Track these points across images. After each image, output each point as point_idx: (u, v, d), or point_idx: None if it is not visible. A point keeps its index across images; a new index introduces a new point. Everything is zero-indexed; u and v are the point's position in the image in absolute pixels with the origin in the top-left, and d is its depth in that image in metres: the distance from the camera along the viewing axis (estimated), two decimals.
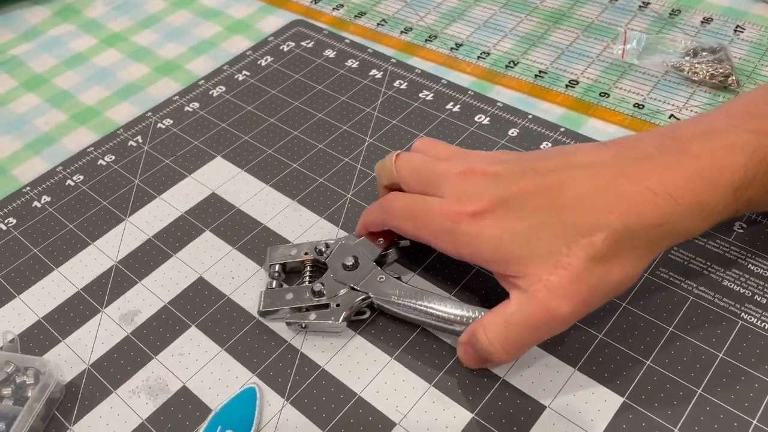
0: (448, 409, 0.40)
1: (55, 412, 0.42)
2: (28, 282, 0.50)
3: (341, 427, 0.40)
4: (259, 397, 0.41)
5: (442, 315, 0.42)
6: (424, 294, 0.43)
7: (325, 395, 0.42)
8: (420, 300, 0.43)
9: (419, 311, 0.42)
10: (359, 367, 0.43)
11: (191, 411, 0.41)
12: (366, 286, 0.44)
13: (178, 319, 0.47)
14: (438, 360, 0.42)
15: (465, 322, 0.41)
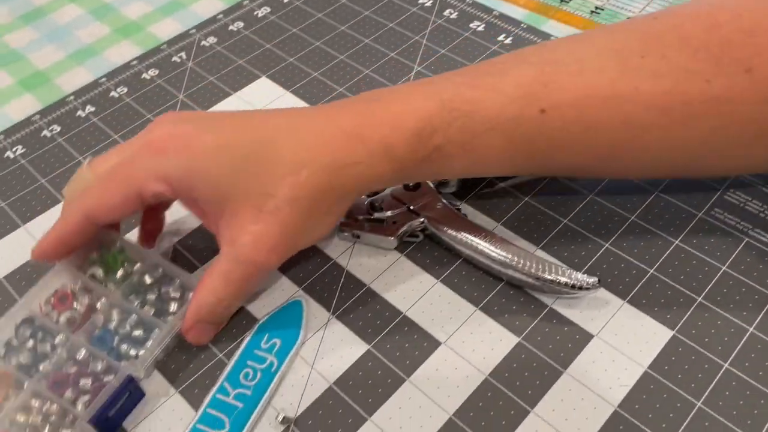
0: (493, 333, 0.40)
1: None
2: None
3: (386, 342, 0.40)
4: (305, 310, 0.42)
5: (491, 253, 0.41)
6: (477, 228, 0.43)
7: (371, 312, 0.42)
8: (472, 234, 0.42)
9: (469, 245, 0.42)
10: (405, 288, 0.43)
11: (238, 320, 0.42)
12: (423, 210, 0.44)
13: None
14: (485, 285, 0.42)
15: (511, 265, 0.40)
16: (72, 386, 0.37)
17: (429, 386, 0.38)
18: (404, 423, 0.37)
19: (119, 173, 0.39)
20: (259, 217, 0.37)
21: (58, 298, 0.40)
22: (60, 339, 0.39)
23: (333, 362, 0.40)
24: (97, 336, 0.39)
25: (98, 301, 0.40)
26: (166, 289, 0.41)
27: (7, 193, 0.50)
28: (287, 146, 0.38)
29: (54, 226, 0.40)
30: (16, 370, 0.37)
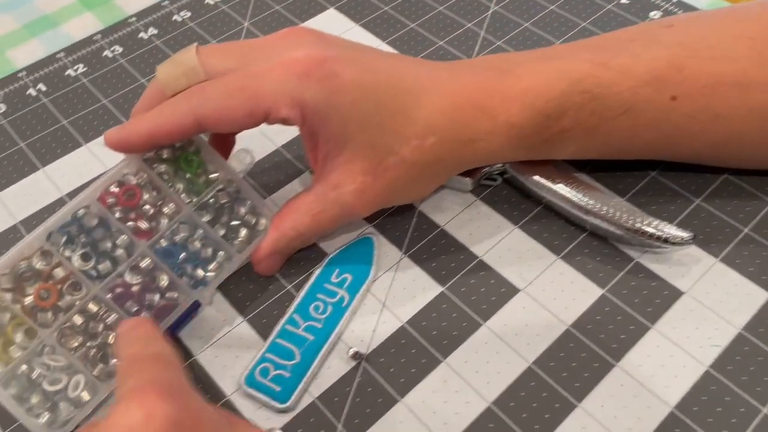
0: (576, 283, 0.38)
1: None
2: None
3: (461, 285, 0.38)
4: (376, 246, 0.40)
5: (575, 200, 0.39)
6: (561, 173, 0.40)
7: (444, 254, 0.40)
8: (555, 178, 0.40)
9: (551, 190, 0.40)
10: (481, 232, 0.41)
11: (306, 253, 0.40)
12: None
13: (290, 163, 0.45)
14: (566, 234, 0.40)
15: (598, 213, 0.38)
16: (135, 299, 0.35)
17: (507, 332, 0.36)
18: (480, 367, 0.35)
19: (248, 87, 0.34)
20: (373, 169, 0.36)
21: (123, 194, 0.37)
22: (123, 240, 0.36)
23: (405, 302, 0.38)
24: (164, 248, 0.36)
25: (166, 207, 0.37)
26: (237, 210, 0.39)
27: (68, 111, 0.49)
28: (421, 106, 0.36)
29: (150, 116, 0.35)
30: (77, 268, 0.35)
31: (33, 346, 0.34)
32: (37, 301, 0.34)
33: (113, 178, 0.37)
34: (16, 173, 0.46)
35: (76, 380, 0.34)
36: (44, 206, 0.44)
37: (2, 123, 0.48)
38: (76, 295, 0.35)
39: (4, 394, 0.32)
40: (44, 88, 0.51)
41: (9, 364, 0.33)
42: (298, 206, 0.38)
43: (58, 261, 0.35)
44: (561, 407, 0.34)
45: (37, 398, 0.33)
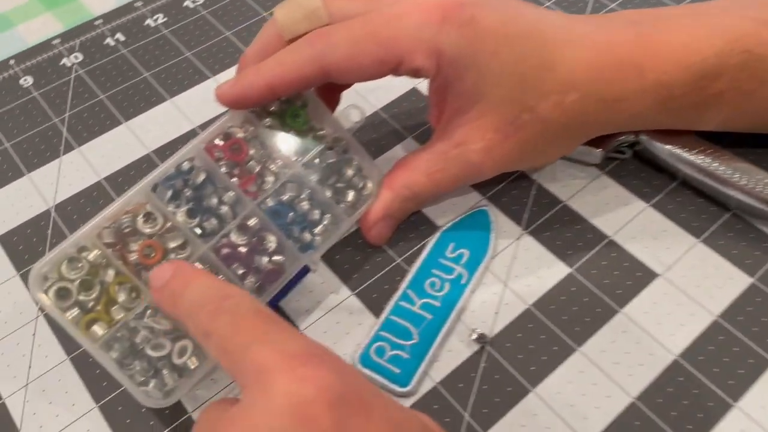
0: (721, 269, 0.34)
1: None
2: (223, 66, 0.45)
3: (591, 267, 0.35)
4: (492, 221, 0.36)
5: (720, 174, 0.35)
6: (702, 143, 0.36)
7: (570, 232, 0.36)
8: (695, 149, 0.36)
9: (691, 162, 0.36)
10: (609, 209, 0.37)
11: (415, 224, 0.37)
12: None
13: (389, 127, 0.41)
14: (707, 215, 0.36)
15: (747, 189, 0.34)
16: (242, 261, 0.32)
17: (647, 321, 0.33)
18: (620, 358, 0.32)
19: (380, 33, 0.31)
20: (505, 126, 0.32)
21: (229, 148, 0.34)
22: (229, 197, 0.33)
23: (529, 282, 0.34)
24: (272, 207, 0.33)
25: (272, 164, 0.34)
26: (345, 172, 0.35)
27: (150, 63, 0.46)
28: (563, 57, 0.32)
29: (268, 67, 0.32)
30: (183, 224, 0.32)
31: (137, 306, 0.31)
32: (141, 259, 0.31)
33: (218, 131, 0.34)
34: (98, 126, 0.43)
35: (181, 346, 0.31)
36: (130, 162, 0.41)
37: (80, 73, 0.45)
38: (181, 254, 0.32)
39: (106, 357, 0.30)
40: (122, 38, 0.48)
41: (111, 326, 0.30)
42: (414, 164, 0.34)
43: (163, 216, 0.32)
44: (716, 407, 0.30)
45: (140, 364, 0.30)
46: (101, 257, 0.31)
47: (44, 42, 0.48)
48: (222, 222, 0.33)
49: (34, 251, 0.37)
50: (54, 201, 0.39)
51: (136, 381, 0.30)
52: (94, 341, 0.30)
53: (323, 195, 0.35)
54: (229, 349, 0.24)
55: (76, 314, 0.30)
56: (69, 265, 0.31)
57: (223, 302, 0.25)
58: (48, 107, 0.44)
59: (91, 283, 0.31)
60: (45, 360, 0.33)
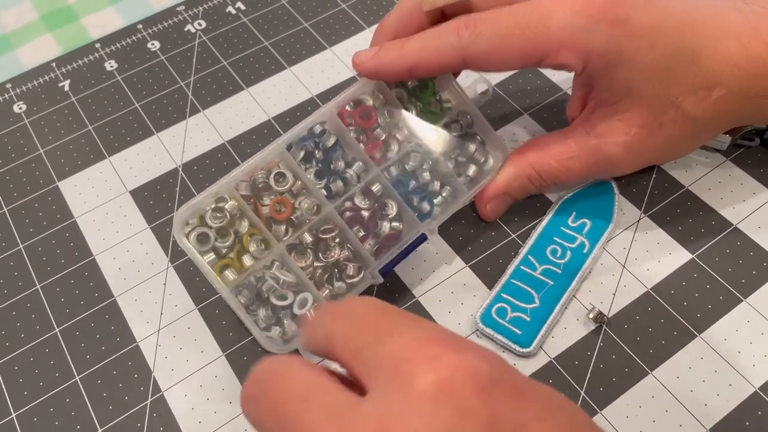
0: None
1: None
2: (340, 37, 0.46)
3: (714, 254, 0.34)
4: (616, 192, 0.36)
5: None
6: None
7: (692, 217, 0.35)
8: None
9: None
10: (734, 197, 0.36)
11: (530, 202, 0.37)
12: None
13: (506, 103, 0.41)
14: None
15: None
16: (363, 224, 0.33)
17: None
18: (743, 347, 0.31)
19: (529, 28, 0.31)
20: (650, 122, 0.32)
21: (359, 114, 0.35)
22: (355, 162, 0.34)
23: (649, 266, 0.34)
24: (395, 176, 0.34)
25: (399, 133, 0.35)
26: (467, 146, 0.36)
27: (269, 32, 0.47)
28: (712, 51, 0.30)
29: (413, 48, 0.33)
30: (312, 184, 0.33)
31: (266, 257, 0.32)
32: (273, 213, 0.33)
33: (350, 97, 0.35)
34: (221, 91, 0.44)
35: (302, 298, 0.32)
36: (251, 127, 0.42)
37: (204, 39, 0.47)
38: (308, 214, 0.33)
39: (235, 300, 0.31)
40: (243, 7, 0.49)
41: (242, 273, 0.32)
42: (546, 147, 0.34)
43: (293, 175, 0.33)
44: None
45: (265, 311, 0.32)
46: (237, 208, 0.33)
47: (169, 8, 0.50)
48: (347, 185, 0.34)
49: (164, 206, 0.39)
50: (181, 160, 0.41)
51: (260, 326, 0.32)
52: (226, 285, 0.32)
53: (445, 167, 0.35)
54: (356, 347, 0.21)
55: (212, 259, 0.32)
56: (209, 213, 0.32)
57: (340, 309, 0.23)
58: (174, 71, 0.46)
59: (227, 231, 0.32)
60: (175, 308, 0.35)
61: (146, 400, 0.32)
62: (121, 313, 0.35)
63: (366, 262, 0.33)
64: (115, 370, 0.33)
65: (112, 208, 0.39)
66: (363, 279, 0.33)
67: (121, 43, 0.48)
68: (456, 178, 0.35)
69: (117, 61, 0.47)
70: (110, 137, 0.42)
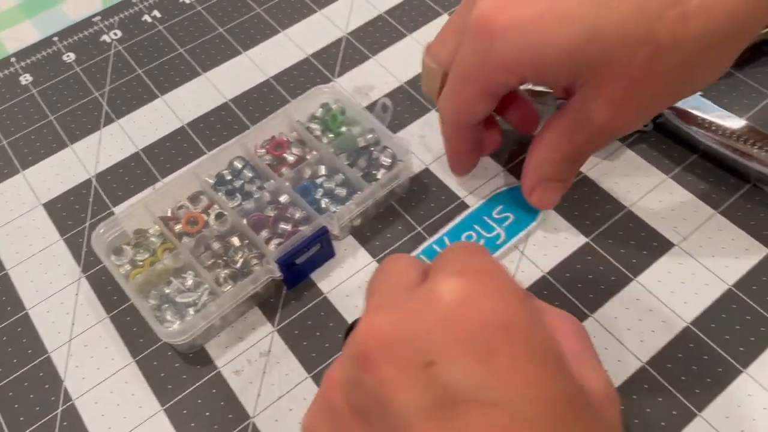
0: (738, 240, 0.35)
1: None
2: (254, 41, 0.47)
3: (608, 237, 0.36)
4: None
5: (740, 146, 0.35)
6: (724, 116, 0.36)
7: (588, 203, 0.37)
8: (718, 121, 0.36)
9: (713, 134, 0.36)
10: (629, 181, 0.37)
11: (437, 197, 0.38)
12: None
13: (416, 101, 0.42)
14: (726, 187, 0.36)
15: (759, 158, 0.35)
16: (270, 227, 0.36)
17: (660, 290, 0.34)
18: (633, 325, 0.33)
19: (469, 74, 0.31)
20: (618, 75, 0.28)
21: (274, 144, 0.39)
22: (267, 182, 0.37)
23: (546, 251, 0.35)
24: (302, 185, 0.37)
25: (309, 155, 0.39)
26: (377, 155, 0.38)
27: (185, 39, 0.48)
28: None
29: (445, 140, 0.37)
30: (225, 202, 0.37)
31: (176, 265, 0.35)
32: (186, 228, 0.36)
33: (266, 133, 0.39)
34: (136, 100, 0.45)
35: (206, 297, 0.34)
36: (165, 134, 0.43)
37: (119, 49, 0.48)
38: (219, 227, 0.36)
39: (145, 305, 0.33)
40: (159, 15, 0.49)
41: (152, 278, 0.34)
42: (551, 127, 0.32)
43: (209, 197, 0.37)
44: (723, 372, 0.31)
45: (171, 311, 0.34)
46: (154, 223, 0.36)
47: (86, 19, 0.50)
48: (258, 202, 0.37)
49: (77, 217, 0.39)
50: (95, 170, 0.41)
51: (165, 323, 0.33)
52: (136, 289, 0.34)
53: (352, 174, 0.37)
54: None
55: (127, 269, 0.35)
56: (125, 227, 0.36)
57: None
58: (89, 82, 0.46)
59: (142, 244, 0.36)
60: (86, 318, 0.35)
61: (57, 409, 0.33)
62: (33, 325, 0.35)
63: (269, 258, 0.34)
64: (27, 382, 0.34)
65: (25, 222, 0.39)
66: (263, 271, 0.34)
67: (37, 57, 0.48)
68: (362, 182, 0.36)
69: (32, 74, 0.47)
70: (24, 151, 0.43)
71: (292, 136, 0.40)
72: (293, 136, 0.39)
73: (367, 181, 0.37)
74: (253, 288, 0.34)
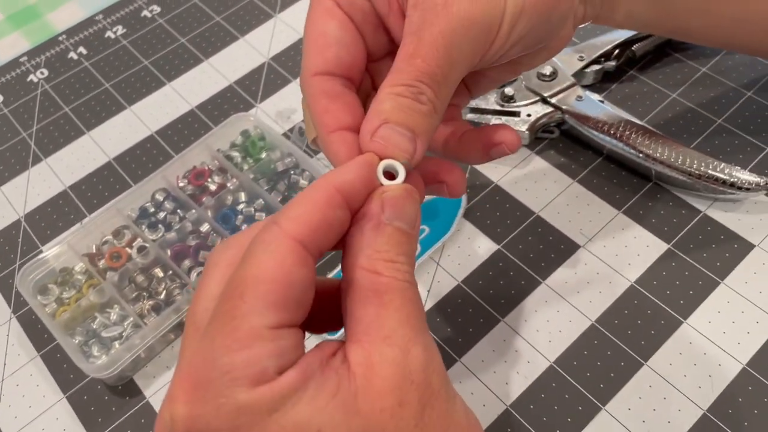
0: (639, 238, 0.36)
1: None
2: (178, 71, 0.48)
3: (518, 242, 0.37)
4: (462, 207, 0.38)
5: (640, 147, 0.37)
6: (624, 121, 0.38)
7: (500, 211, 0.38)
8: (618, 127, 0.38)
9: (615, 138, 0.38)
10: (537, 187, 0.39)
11: None
12: (561, 101, 0.40)
13: None
14: (629, 187, 0.38)
15: (663, 160, 0.36)
16: (191, 257, 0.37)
17: (568, 290, 0.35)
18: (541, 326, 0.34)
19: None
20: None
21: (194, 174, 0.40)
22: (189, 212, 0.39)
23: (461, 260, 0.37)
24: (222, 213, 0.38)
25: (229, 183, 0.40)
26: (296, 179, 0.39)
27: (110, 74, 0.49)
28: None
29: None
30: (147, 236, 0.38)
31: (101, 300, 0.36)
32: (108, 262, 0.37)
33: (186, 164, 0.40)
34: (63, 137, 0.45)
35: (130, 329, 0.35)
36: (93, 170, 0.43)
37: (46, 88, 0.48)
38: (142, 259, 0.37)
39: (71, 342, 0.34)
40: (85, 52, 0.50)
41: (77, 317, 0.35)
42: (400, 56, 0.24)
43: (132, 232, 0.38)
44: (626, 366, 0.32)
45: (96, 346, 0.35)
46: (78, 260, 0.37)
47: (12, 60, 0.50)
48: (180, 233, 0.38)
49: (7, 258, 0.40)
50: (24, 211, 0.42)
51: (91, 358, 0.34)
52: (62, 327, 0.35)
53: (270, 198, 0.38)
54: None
55: (53, 308, 0.36)
56: (53, 265, 0.37)
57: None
58: (17, 123, 0.47)
59: (68, 282, 0.37)
60: (18, 358, 0.36)
61: None
62: None
63: (191, 287, 0.35)
64: None
65: None
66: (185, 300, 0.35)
67: None
68: (280, 206, 0.38)
69: None
70: None
71: (213, 164, 0.41)
72: (215, 165, 0.41)
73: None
74: (176, 317, 0.35)
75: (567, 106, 0.39)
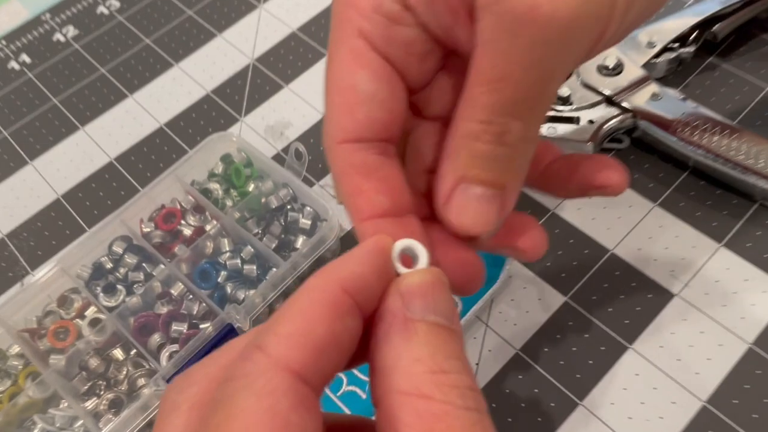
0: (751, 280, 0.28)
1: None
2: (143, 80, 0.39)
3: (591, 292, 0.28)
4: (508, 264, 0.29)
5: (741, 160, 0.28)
6: (717, 123, 0.29)
7: (562, 249, 0.30)
8: (709, 132, 0.29)
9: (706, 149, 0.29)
10: (607, 215, 0.30)
11: None
12: (631, 101, 0.31)
13: None
14: (728, 210, 0.29)
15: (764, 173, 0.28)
16: (160, 331, 0.28)
17: (664, 358, 0.26)
18: (635, 412, 0.26)
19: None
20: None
21: (163, 216, 0.31)
22: (157, 268, 0.30)
23: (516, 319, 0.28)
24: (201, 267, 0.29)
25: (208, 225, 0.31)
26: (295, 217, 0.30)
27: (59, 86, 0.39)
28: None
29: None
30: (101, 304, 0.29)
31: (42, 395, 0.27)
32: (53, 342, 0.28)
33: (154, 201, 0.31)
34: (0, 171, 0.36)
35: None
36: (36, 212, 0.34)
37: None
38: (96, 336, 0.28)
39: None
40: (29, 61, 0.41)
41: (12, 420, 0.26)
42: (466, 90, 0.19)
43: (82, 298, 0.29)
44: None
45: None
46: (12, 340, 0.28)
47: None
48: (146, 296, 0.29)
49: None
50: None
51: None
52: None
53: (263, 246, 0.29)
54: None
55: None
56: None
57: None
58: None
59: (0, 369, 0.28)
60: None
61: None
62: None
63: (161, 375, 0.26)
64: None
65: None
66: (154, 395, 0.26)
67: None
68: (279, 257, 0.29)
69: None
70: None
71: (187, 201, 0.32)
72: (189, 202, 0.31)
73: (285, 251, 0.29)
74: (143, 417, 0.26)
75: (639, 107, 0.31)
